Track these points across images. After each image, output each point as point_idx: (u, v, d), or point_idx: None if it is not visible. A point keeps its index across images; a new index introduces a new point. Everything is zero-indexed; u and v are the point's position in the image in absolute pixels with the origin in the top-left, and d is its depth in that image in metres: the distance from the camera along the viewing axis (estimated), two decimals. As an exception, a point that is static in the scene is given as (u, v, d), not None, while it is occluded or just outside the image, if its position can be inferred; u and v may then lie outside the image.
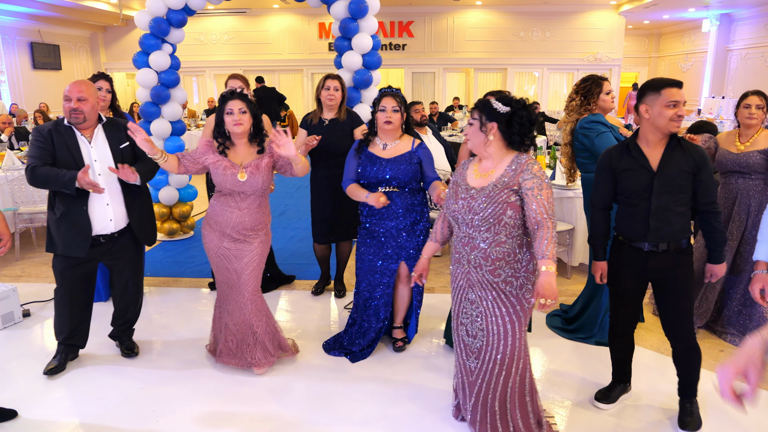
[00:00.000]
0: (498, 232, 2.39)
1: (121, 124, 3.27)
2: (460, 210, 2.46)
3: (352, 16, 5.15)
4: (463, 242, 2.50)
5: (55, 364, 3.34)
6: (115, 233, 3.24)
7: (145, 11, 5.36)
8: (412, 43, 15.96)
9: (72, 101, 3.03)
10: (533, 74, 16.55)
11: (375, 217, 3.40)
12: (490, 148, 2.43)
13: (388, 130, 3.29)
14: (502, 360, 2.49)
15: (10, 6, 12.17)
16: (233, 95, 3.09)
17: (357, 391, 3.15)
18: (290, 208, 7.39)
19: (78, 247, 3.13)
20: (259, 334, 3.28)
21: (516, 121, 2.39)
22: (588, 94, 3.55)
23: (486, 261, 2.43)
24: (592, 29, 15.61)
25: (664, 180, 2.54)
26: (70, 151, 3.08)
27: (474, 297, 2.51)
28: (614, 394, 2.96)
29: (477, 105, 2.46)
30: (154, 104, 5.60)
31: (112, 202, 3.18)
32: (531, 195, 2.33)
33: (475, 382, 2.58)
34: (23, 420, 2.90)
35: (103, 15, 14.65)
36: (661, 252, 2.61)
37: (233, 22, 16.00)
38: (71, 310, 3.30)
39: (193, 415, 2.93)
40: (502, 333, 2.46)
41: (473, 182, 2.47)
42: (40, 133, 3.08)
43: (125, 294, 3.45)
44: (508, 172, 2.39)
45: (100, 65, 16.61)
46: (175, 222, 6.06)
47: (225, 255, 3.19)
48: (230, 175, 3.07)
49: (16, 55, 13.49)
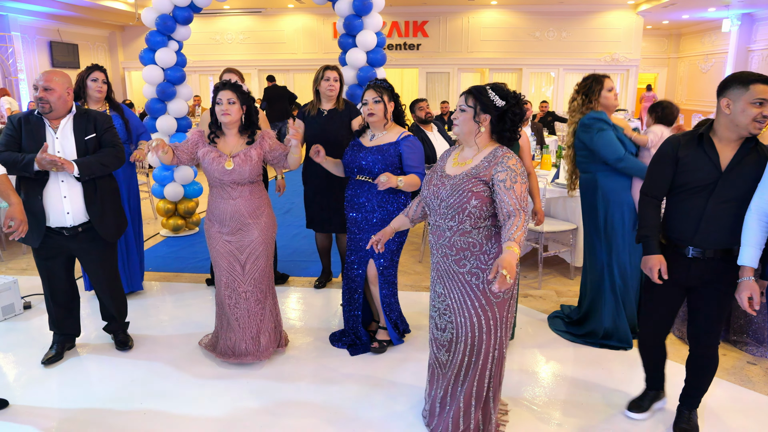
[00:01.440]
0: (462, 221, 2.34)
1: (91, 116, 3.22)
2: (429, 196, 2.45)
3: (357, 13, 5.13)
4: (433, 231, 2.49)
5: (52, 354, 3.39)
6: (78, 227, 3.18)
7: (152, 8, 5.41)
8: (427, 43, 15.90)
9: (38, 90, 3.02)
10: (549, 75, 16.39)
11: (349, 207, 3.40)
12: (478, 139, 2.39)
13: (373, 121, 3.28)
14: (470, 353, 2.44)
15: (30, 5, 12.38)
16: (225, 86, 3.10)
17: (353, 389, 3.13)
18: (296, 206, 7.39)
19: (32, 238, 3.11)
20: (262, 325, 3.31)
21: (509, 116, 2.35)
22: (589, 92, 3.48)
23: (451, 250, 2.40)
24: (610, 29, 15.40)
25: (729, 182, 2.34)
26: (35, 140, 3.05)
27: (441, 290, 2.49)
28: (646, 402, 2.84)
29: (472, 92, 2.37)
30: (159, 101, 5.65)
31: (69, 194, 3.12)
32: (503, 187, 2.26)
33: (445, 375, 2.56)
34: (15, 408, 2.93)
35: (120, 14, 14.84)
36: (707, 259, 2.43)
37: (249, 21, 16.09)
38: (53, 299, 3.33)
39: (179, 407, 2.95)
40: (469, 326, 2.41)
41: (449, 170, 2.44)
42: (11, 122, 3.11)
43: (100, 288, 3.45)
44: (483, 163, 2.34)
45: (117, 64, 16.84)
46: (179, 218, 6.10)
47: (226, 248, 3.21)
48: (217, 164, 3.09)
49: (35, 54, 13.72)
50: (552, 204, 4.90)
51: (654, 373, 2.82)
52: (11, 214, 2.84)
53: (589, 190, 3.53)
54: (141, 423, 2.82)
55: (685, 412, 2.70)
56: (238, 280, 3.24)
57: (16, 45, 12.93)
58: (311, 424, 2.81)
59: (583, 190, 3.61)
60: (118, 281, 3.50)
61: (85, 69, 4.04)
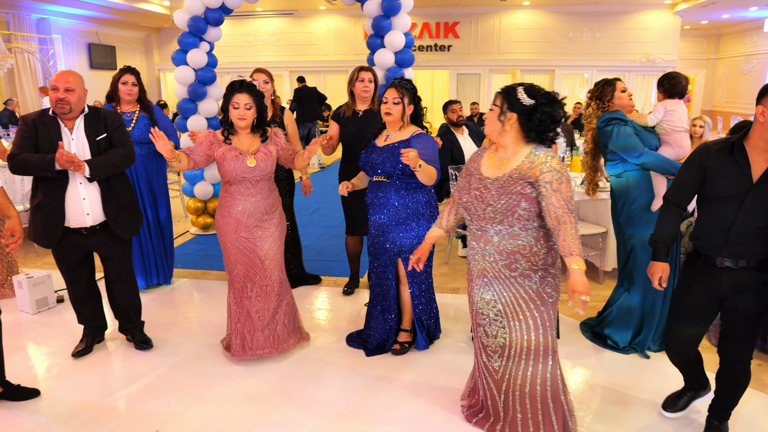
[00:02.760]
0: (512, 224, 2.30)
1: (102, 116, 3.23)
2: (472, 201, 2.37)
3: (385, 13, 5.13)
4: (477, 236, 2.42)
5: (81, 346, 3.48)
6: (96, 226, 3.23)
7: (184, 10, 5.50)
8: (458, 44, 15.84)
9: (59, 91, 3.03)
10: (583, 76, 16.13)
11: (370, 210, 3.38)
12: (506, 138, 2.35)
13: (389, 121, 3.24)
14: (527, 356, 2.40)
15: (71, 9, 12.77)
16: (241, 87, 3.11)
17: (370, 388, 3.12)
18: (324, 206, 7.44)
19: (46, 238, 3.16)
20: (281, 318, 3.35)
21: (537, 116, 2.28)
22: (602, 96, 3.41)
23: (500, 255, 2.34)
24: (645, 29, 15.09)
25: (760, 194, 2.23)
26: (51, 140, 3.06)
27: (490, 297, 2.42)
28: (682, 402, 2.77)
29: (501, 91, 2.36)
30: (191, 101, 5.74)
31: (88, 196, 3.16)
32: (550, 189, 2.22)
33: (501, 380, 2.50)
34: (45, 398, 3.01)
35: (156, 17, 15.19)
36: (739, 269, 2.33)
37: (280, 23, 16.28)
38: (75, 296, 3.41)
39: (202, 401, 2.98)
40: (524, 328, 2.38)
41: (487, 172, 2.38)
42: (25, 122, 3.10)
43: (113, 284, 3.48)
44: (525, 164, 2.29)
45: (153, 65, 17.22)
46: (209, 216, 6.19)
47: (245, 246, 3.23)
48: (240, 161, 3.13)
49: (75, 55, 14.13)
50: (581, 207, 4.81)
51: (691, 375, 2.73)
52: (12, 226, 2.86)
53: (621, 194, 3.42)
54: (165, 417, 2.86)
55: (715, 423, 2.61)
56: (259, 274, 3.27)
57: (56, 47, 13.34)
58: (332, 424, 2.81)
59: (614, 194, 3.49)
60: (132, 277, 3.54)
61: (117, 71, 4.13)
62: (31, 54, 12.73)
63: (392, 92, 3.19)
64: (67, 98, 3.04)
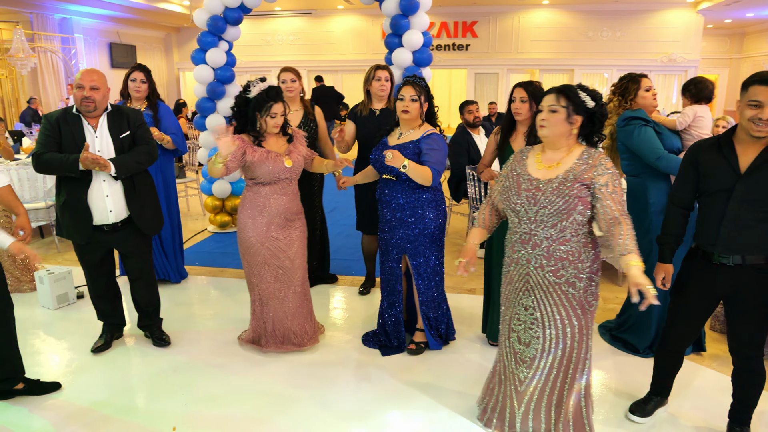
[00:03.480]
0: (564, 228, 2.25)
1: (124, 114, 3.26)
2: (523, 203, 2.30)
3: (403, 12, 5.11)
4: (523, 240, 2.35)
5: (101, 342, 3.53)
6: (118, 223, 3.26)
7: (203, 9, 5.54)
8: (476, 44, 15.74)
9: (85, 89, 3.06)
10: (602, 75, 15.95)
11: (380, 207, 3.39)
12: (567, 140, 2.30)
13: (406, 119, 3.22)
14: (559, 364, 2.36)
15: (93, 8, 12.94)
16: (278, 96, 3.13)
17: (385, 390, 3.12)
18: (341, 205, 7.44)
19: (78, 234, 3.20)
20: (301, 317, 3.42)
21: (597, 117, 2.29)
22: (625, 92, 3.35)
23: (548, 261, 2.29)
24: (667, 28, 14.86)
25: (748, 186, 2.27)
26: (75, 139, 3.09)
27: (530, 302, 2.37)
28: (650, 407, 2.78)
29: (564, 92, 2.26)
30: (209, 100, 5.78)
31: (111, 194, 3.19)
32: (606, 192, 2.20)
33: (525, 392, 2.46)
34: (65, 392, 3.05)
35: (176, 16, 15.32)
36: (734, 266, 2.35)
37: (299, 23, 16.33)
38: (95, 293, 3.45)
39: (218, 398, 3.00)
40: (561, 337, 2.34)
41: (537, 173, 2.32)
42: (48, 121, 3.12)
43: (135, 281, 3.51)
44: (579, 165, 2.25)
45: (173, 64, 17.39)
46: (226, 215, 6.23)
47: (275, 246, 3.27)
48: (278, 163, 3.17)
49: (96, 54, 14.31)
50: (600, 208, 4.75)
51: (663, 379, 2.76)
52: (21, 223, 2.92)
53: (638, 195, 3.36)
54: (182, 414, 2.88)
55: (736, 429, 2.57)
56: (287, 274, 3.32)
57: (78, 46, 13.53)
58: (347, 423, 2.81)
59: (631, 195, 3.42)
60: (153, 275, 3.58)
61: (129, 69, 4.18)
62: (54, 53, 12.93)
63: (409, 90, 3.18)
64: (92, 96, 3.07)
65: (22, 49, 10.84)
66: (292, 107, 4.12)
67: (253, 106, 3.12)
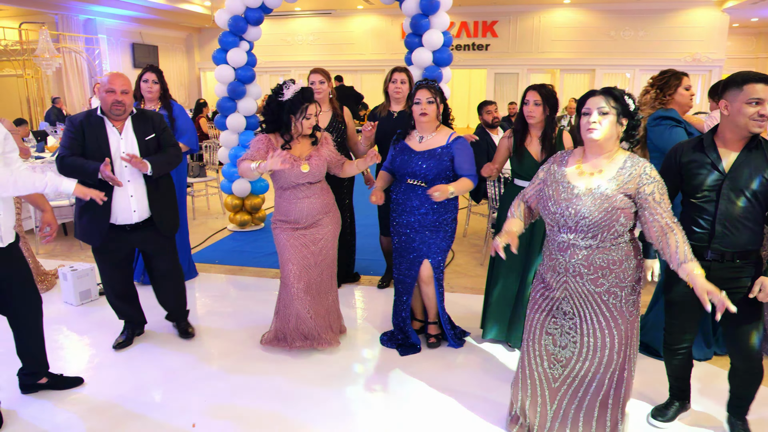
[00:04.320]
0: (604, 238, 2.19)
1: (149, 116, 3.31)
2: (562, 213, 2.23)
3: (423, 12, 5.10)
4: (561, 247, 2.29)
5: (122, 339, 3.57)
6: (140, 223, 3.30)
7: (225, 10, 5.59)
8: (496, 43, 15.66)
9: (116, 93, 3.09)
10: (624, 76, 15.75)
11: (399, 210, 3.37)
12: (613, 144, 2.23)
13: (424, 122, 3.25)
14: (595, 372, 2.32)
15: (116, 9, 13.12)
16: (312, 97, 3.14)
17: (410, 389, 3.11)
18: (360, 204, 7.43)
19: (93, 237, 3.24)
20: (325, 316, 3.43)
21: (636, 121, 2.24)
22: (665, 86, 3.28)
23: (588, 269, 2.24)
24: (691, 28, 14.63)
25: (735, 183, 2.31)
26: (98, 141, 3.13)
27: (568, 308, 2.33)
28: (671, 411, 2.74)
29: (612, 94, 2.18)
30: (230, 99, 5.83)
31: (135, 194, 3.24)
32: (653, 201, 2.13)
33: (558, 389, 2.42)
34: (88, 387, 3.09)
35: (197, 17, 15.47)
36: (725, 262, 2.36)
37: (318, 23, 16.38)
38: (114, 293, 3.49)
39: (240, 397, 3.01)
40: (599, 346, 2.29)
41: (578, 181, 2.24)
42: (72, 123, 3.16)
43: (161, 278, 3.56)
44: (622, 174, 2.18)
45: (194, 65, 17.56)
46: (246, 213, 6.27)
47: (301, 243, 3.29)
48: (294, 168, 3.16)
49: (119, 55, 14.51)
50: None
51: (679, 382, 2.73)
52: (47, 219, 2.97)
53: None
54: (202, 410, 2.90)
55: (738, 423, 2.60)
56: (311, 274, 3.32)
57: (102, 47, 13.73)
58: (365, 422, 2.81)
59: None
60: (180, 271, 3.64)
61: (141, 70, 4.22)
62: (78, 53, 13.14)
63: (425, 92, 3.20)
64: (123, 100, 3.12)
65: (47, 50, 11.02)
66: (322, 108, 4.13)
67: (287, 109, 3.12)
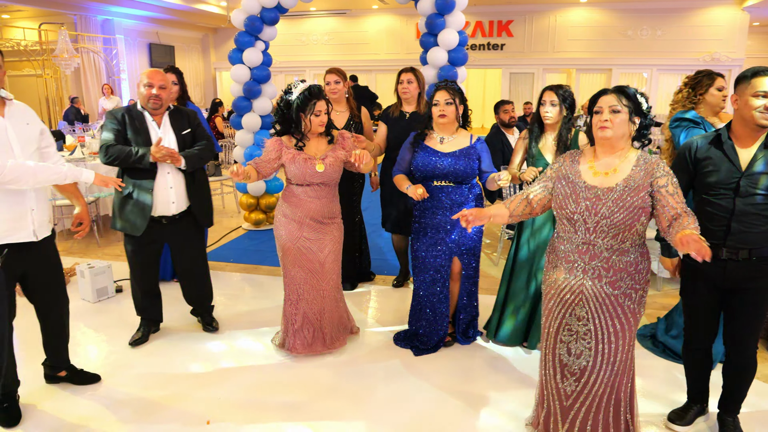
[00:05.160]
0: (624, 239, 2.18)
1: (184, 112, 3.46)
2: (582, 212, 2.21)
3: (439, 11, 5.09)
4: (580, 249, 2.25)
5: (138, 335, 3.61)
6: (177, 215, 3.41)
7: (241, 10, 5.62)
8: (511, 43, 15.58)
9: (154, 88, 3.24)
10: (642, 75, 15.59)
11: (428, 211, 3.34)
12: (625, 143, 2.22)
13: (443, 123, 3.25)
14: (611, 381, 2.29)
15: (133, 10, 13.26)
16: (320, 94, 3.14)
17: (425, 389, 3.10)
18: (373, 204, 7.43)
19: (136, 227, 3.32)
20: (334, 320, 3.42)
21: (649, 120, 2.24)
22: (696, 86, 3.25)
23: (608, 271, 2.21)
24: (710, 27, 14.44)
25: (753, 180, 2.30)
26: (140, 133, 3.27)
27: (583, 313, 2.28)
28: (689, 415, 2.70)
29: (624, 92, 2.18)
30: (245, 99, 5.86)
31: (175, 186, 3.36)
32: (665, 192, 2.12)
33: (571, 407, 2.36)
34: (105, 383, 3.13)
35: (213, 17, 15.59)
36: (741, 260, 2.34)
37: (333, 22, 16.43)
38: (142, 286, 3.53)
39: (253, 395, 3.03)
40: (612, 351, 2.26)
41: (593, 181, 2.22)
42: (114, 116, 3.30)
43: (188, 272, 3.64)
44: (638, 172, 2.16)
45: (209, 65, 17.69)
46: (261, 212, 6.30)
47: (306, 247, 3.27)
48: (309, 166, 3.16)
49: (136, 55, 14.67)
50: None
51: (697, 383, 2.71)
52: (81, 215, 3.02)
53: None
54: (216, 407, 2.92)
55: (728, 420, 2.60)
56: (317, 277, 3.31)
57: (119, 47, 13.89)
58: (378, 425, 2.80)
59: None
60: (206, 266, 3.73)
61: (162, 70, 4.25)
62: (96, 53, 13.30)
63: (443, 94, 3.20)
64: (160, 95, 3.26)
65: (66, 50, 11.18)
66: (338, 108, 4.14)
67: (296, 107, 3.12)
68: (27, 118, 2.71)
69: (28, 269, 2.75)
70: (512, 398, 2.96)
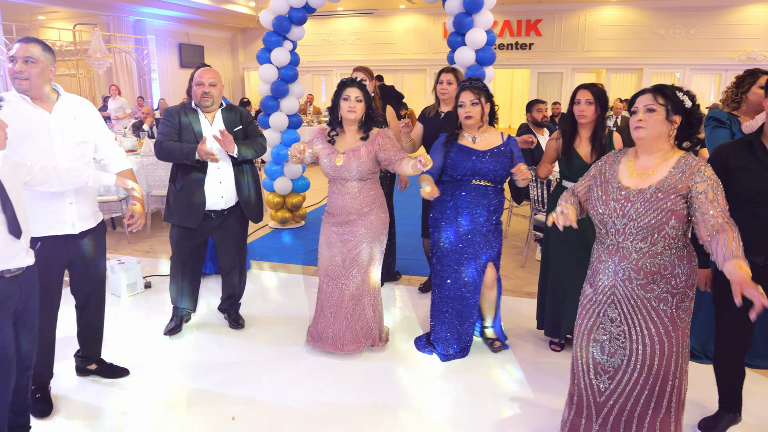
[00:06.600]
0: (656, 242, 2.09)
1: (237, 110, 3.55)
2: (610, 214, 2.15)
3: (467, 10, 5.06)
4: (610, 251, 2.20)
5: (172, 325, 3.71)
6: (225, 210, 3.49)
7: (269, 10, 5.66)
8: (540, 42, 15.42)
9: (205, 86, 3.35)
10: (674, 75, 15.28)
11: (465, 213, 3.28)
12: (664, 143, 2.14)
13: (470, 124, 3.22)
14: (644, 382, 2.22)
15: (164, 11, 13.49)
16: (353, 83, 3.22)
17: (450, 394, 3.09)
18: (400, 203, 7.43)
19: (191, 219, 3.43)
20: (351, 321, 3.34)
21: (695, 119, 2.14)
22: (740, 84, 3.18)
23: (638, 274, 2.14)
24: (746, 25, 14.07)
25: None
26: (193, 130, 3.38)
27: (615, 315, 2.23)
28: (721, 424, 2.63)
29: (661, 90, 2.12)
30: (273, 98, 5.91)
31: (224, 180, 3.44)
32: (704, 199, 2.01)
33: (605, 403, 2.31)
34: (134, 377, 3.18)
35: (242, 17, 15.76)
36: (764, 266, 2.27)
37: (360, 22, 16.47)
38: (183, 277, 3.62)
39: (278, 392, 3.04)
40: (649, 354, 2.19)
41: (628, 182, 2.16)
42: (169, 113, 3.44)
43: (230, 267, 3.71)
44: (674, 174, 2.08)
45: (238, 64, 17.90)
46: (287, 211, 6.35)
47: (333, 240, 3.32)
48: (330, 159, 3.22)
49: (166, 55, 14.92)
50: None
51: (729, 393, 2.63)
52: (136, 209, 2.98)
53: None
54: (242, 404, 2.94)
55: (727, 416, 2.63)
56: (336, 270, 3.32)
57: (150, 47, 14.14)
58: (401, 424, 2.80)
59: None
60: (244, 261, 3.81)
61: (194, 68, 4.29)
62: (128, 54, 13.56)
63: (468, 95, 3.17)
64: (210, 92, 3.36)
65: (99, 50, 11.42)
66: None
67: (334, 94, 3.28)
68: (75, 112, 2.79)
69: (72, 260, 2.84)
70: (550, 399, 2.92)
